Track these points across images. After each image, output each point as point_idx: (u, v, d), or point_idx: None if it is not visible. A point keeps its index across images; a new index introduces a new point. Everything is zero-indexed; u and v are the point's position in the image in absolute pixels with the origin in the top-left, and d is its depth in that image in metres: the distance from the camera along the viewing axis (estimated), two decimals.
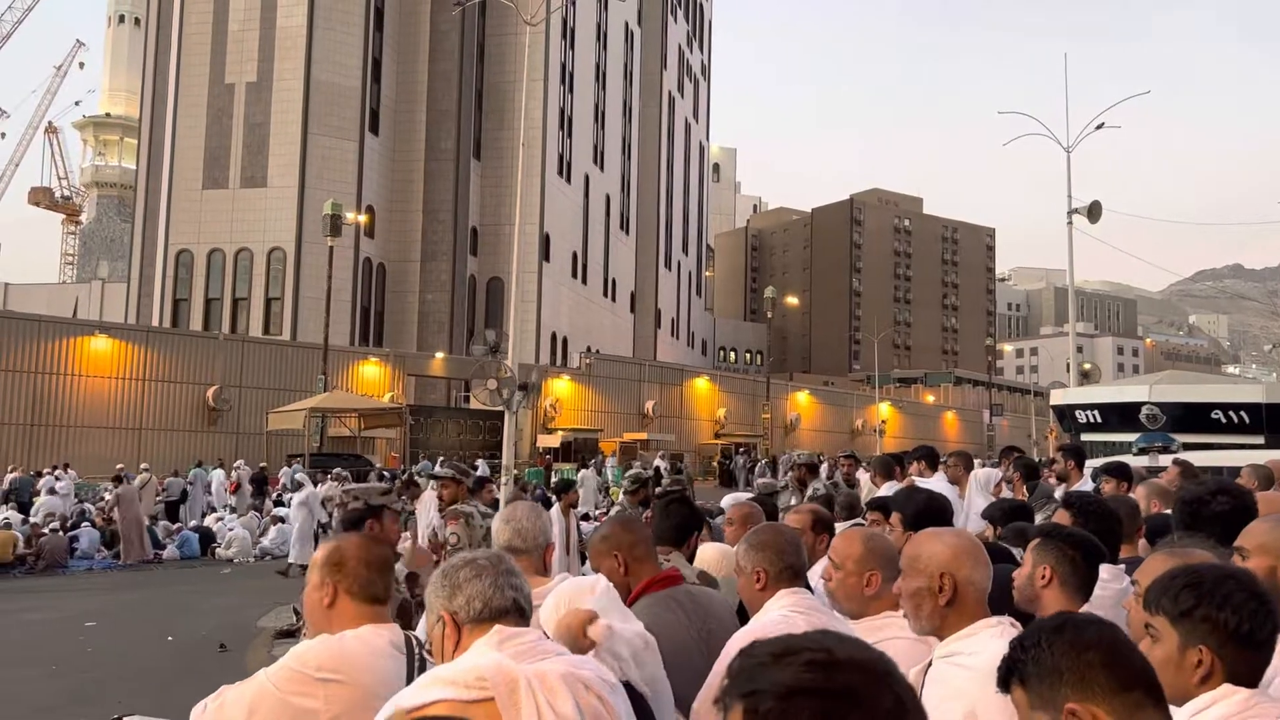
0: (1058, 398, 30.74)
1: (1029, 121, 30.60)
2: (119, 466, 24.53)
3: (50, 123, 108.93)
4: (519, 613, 2.21)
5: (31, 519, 21.54)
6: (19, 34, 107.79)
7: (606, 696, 2.09)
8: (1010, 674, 1.80)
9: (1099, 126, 29.83)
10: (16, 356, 33.74)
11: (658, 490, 10.33)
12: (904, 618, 2.79)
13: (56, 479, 25.86)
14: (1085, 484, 7.75)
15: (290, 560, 18.47)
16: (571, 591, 2.71)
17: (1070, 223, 29.33)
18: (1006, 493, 8.70)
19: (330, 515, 18.28)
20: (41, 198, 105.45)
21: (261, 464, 30.45)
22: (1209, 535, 3.57)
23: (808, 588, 3.22)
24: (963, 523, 7.28)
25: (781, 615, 2.97)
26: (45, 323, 36.53)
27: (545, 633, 2.40)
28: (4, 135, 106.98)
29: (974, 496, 8.58)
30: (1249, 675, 2.00)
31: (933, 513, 4.30)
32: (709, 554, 4.78)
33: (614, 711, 2.08)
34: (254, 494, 26.87)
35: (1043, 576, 3.06)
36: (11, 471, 27.49)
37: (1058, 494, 6.89)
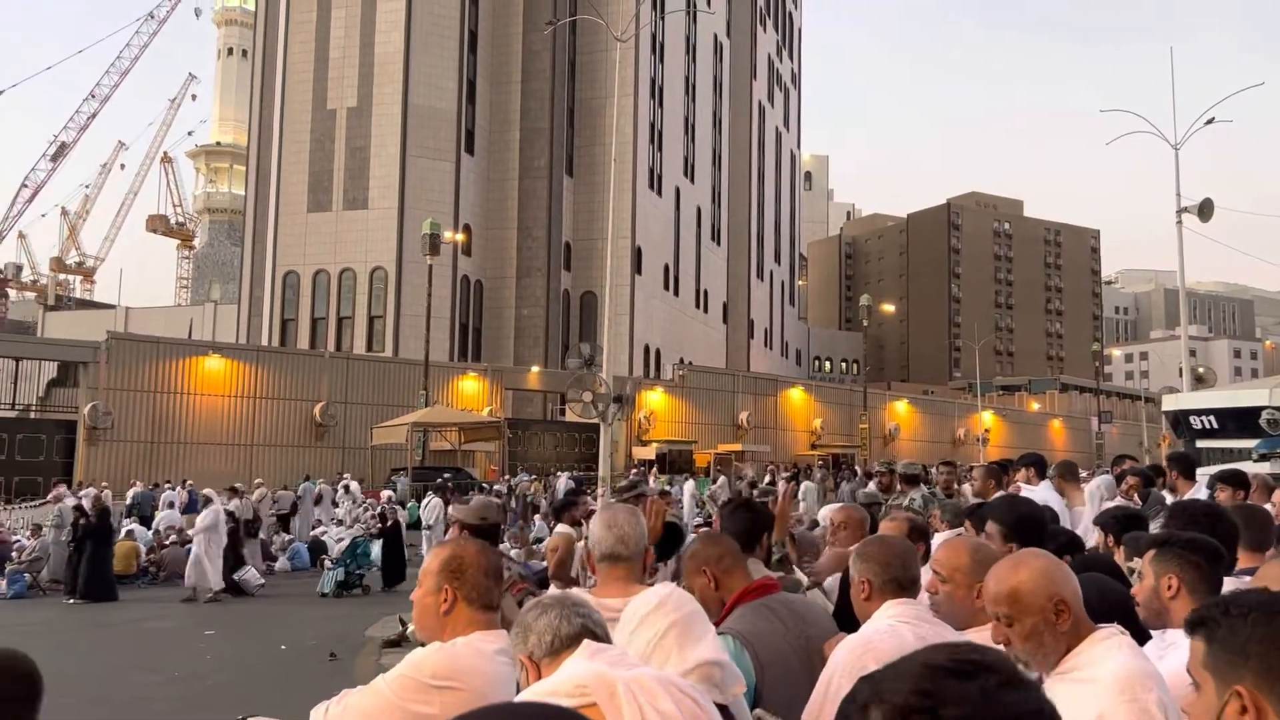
0: (1170, 403, 29.52)
1: (1133, 119, 29.57)
2: (257, 480, 25.44)
3: (165, 153, 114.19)
4: (592, 637, 2.27)
5: (153, 531, 22.54)
6: (136, 70, 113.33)
7: (700, 701, 2.12)
8: (1200, 626, 1.73)
9: (1209, 122, 28.65)
10: (137, 376, 35.38)
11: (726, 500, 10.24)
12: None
13: (174, 492, 26.99)
14: (1199, 492, 7.46)
15: (189, 584, 16.80)
16: (642, 610, 2.65)
17: (1180, 222, 28.21)
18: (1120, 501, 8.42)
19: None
20: (158, 224, 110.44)
21: (352, 477, 31.22)
22: None
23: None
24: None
25: (888, 625, 2.95)
26: (163, 344, 38.22)
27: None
28: (124, 166, 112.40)
29: (1092, 505, 8.31)
30: None
31: (1033, 524, 4.17)
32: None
33: (709, 714, 2.10)
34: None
35: (1169, 587, 2.93)
36: (134, 486, 28.83)
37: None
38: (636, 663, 2.22)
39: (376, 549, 19.22)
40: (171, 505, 26.46)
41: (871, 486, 13.54)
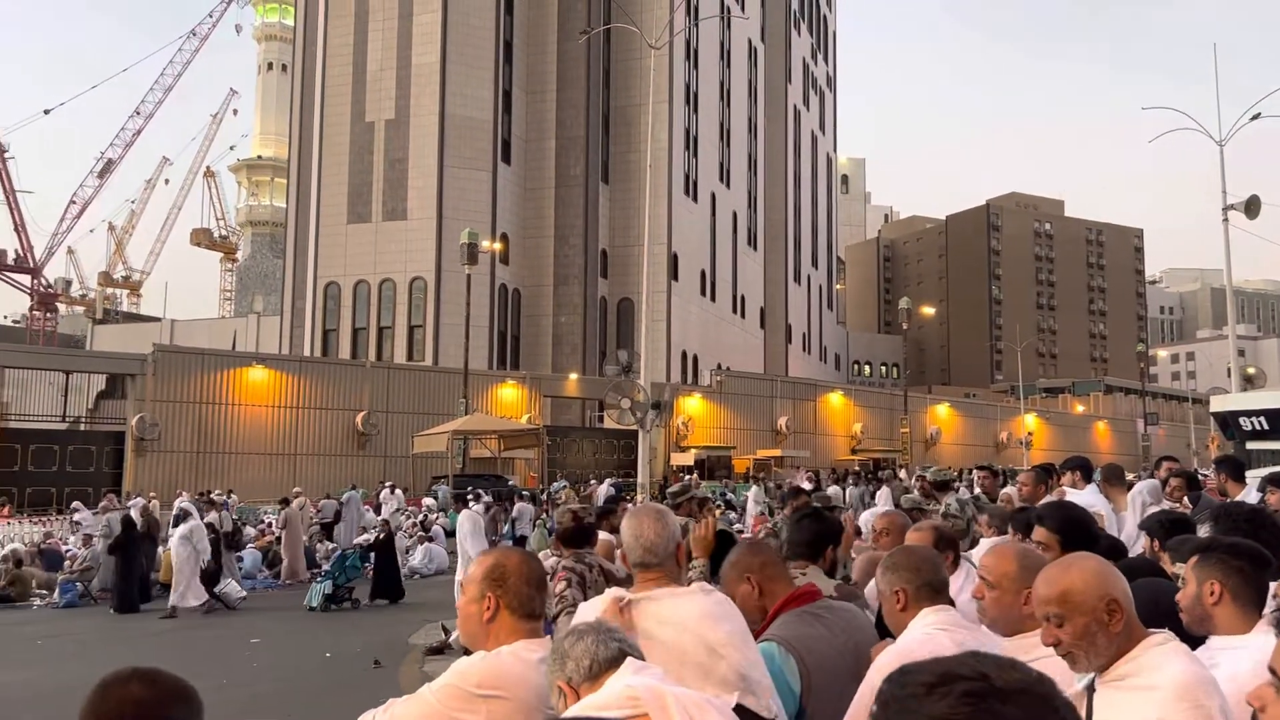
0: (1218, 404, 28.97)
1: (1176, 117, 29.12)
2: (295, 490, 25.80)
3: (208, 167, 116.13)
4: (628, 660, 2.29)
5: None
6: (179, 87, 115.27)
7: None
8: None
9: (1254, 118, 28.16)
10: (183, 388, 35.98)
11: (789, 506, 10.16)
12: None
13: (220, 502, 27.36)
14: (1250, 496, 7.31)
15: (170, 603, 16.23)
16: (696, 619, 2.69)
17: (1226, 219, 27.74)
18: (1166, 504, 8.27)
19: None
20: (202, 238, 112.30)
21: (393, 484, 31.46)
22: None
23: (950, 603, 3.17)
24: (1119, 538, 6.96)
25: (925, 634, 2.93)
26: (208, 355, 38.85)
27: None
28: (168, 181, 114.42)
29: (1134, 510, 8.17)
30: None
31: (1084, 528, 4.13)
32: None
33: None
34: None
35: (1211, 593, 2.88)
36: (180, 497, 29.26)
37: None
38: (677, 685, 2.24)
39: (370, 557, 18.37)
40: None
41: (915, 493, 13.39)
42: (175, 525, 17.99)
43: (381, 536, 18.25)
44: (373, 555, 18.17)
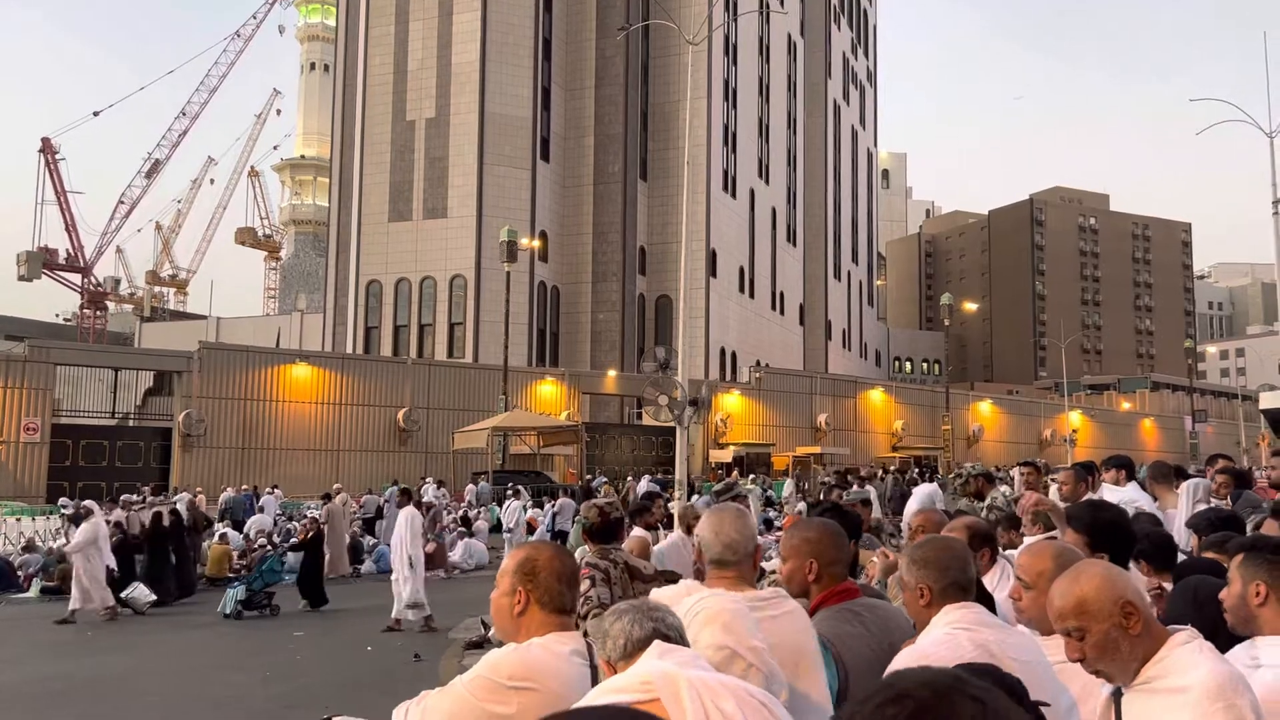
0: (1269, 401, 28.40)
1: (1225, 109, 28.55)
2: (336, 485, 26.13)
3: (252, 167, 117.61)
4: (663, 640, 2.30)
5: (244, 535, 23.25)
6: (224, 88, 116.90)
7: (771, 707, 2.13)
8: None
9: None
10: (228, 384, 36.54)
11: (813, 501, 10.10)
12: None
13: (264, 496, 27.82)
14: None
15: (71, 606, 15.29)
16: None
17: (1276, 213, 27.16)
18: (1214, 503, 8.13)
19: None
20: (246, 237, 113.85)
21: (433, 480, 31.67)
22: None
23: (979, 601, 3.13)
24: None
25: (945, 634, 2.90)
26: (253, 353, 39.40)
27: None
28: (213, 181, 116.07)
29: (1185, 508, 8.04)
30: None
31: (1116, 529, 4.04)
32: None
33: (779, 716, 2.11)
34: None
35: (1257, 594, 2.84)
36: (225, 491, 29.78)
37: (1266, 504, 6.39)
38: (707, 666, 2.24)
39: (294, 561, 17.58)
40: (263, 510, 27.31)
41: (945, 495, 13.23)
42: (75, 524, 17.04)
43: (310, 535, 17.29)
44: (303, 553, 17.13)
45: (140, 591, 16.58)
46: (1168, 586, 4.08)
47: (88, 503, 17.20)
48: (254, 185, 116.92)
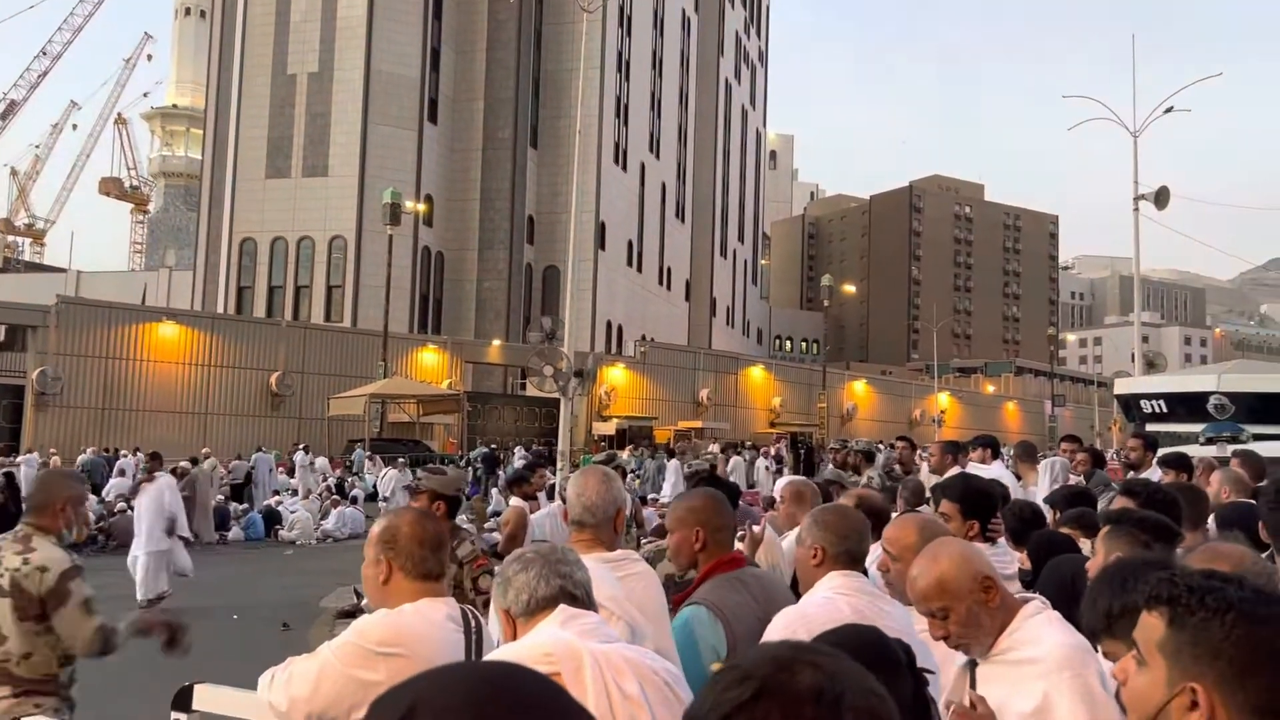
0: (1122, 387, 30.01)
1: (1094, 106, 29.89)
2: (204, 450, 25.19)
3: (119, 114, 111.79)
4: (570, 600, 2.25)
5: (103, 499, 22.20)
6: (89, 28, 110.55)
7: (671, 682, 2.12)
8: (1165, 604, 1.52)
9: (1167, 110, 29.04)
10: (88, 342, 34.73)
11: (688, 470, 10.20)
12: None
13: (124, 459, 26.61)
14: (1154, 474, 7.59)
15: None
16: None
17: (1137, 209, 28.63)
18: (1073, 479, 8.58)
19: None
20: (111, 188, 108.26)
21: (307, 448, 30.96)
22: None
23: (865, 573, 3.20)
24: None
25: (825, 597, 2.97)
26: (116, 309, 37.53)
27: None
28: (76, 127, 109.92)
29: (1045, 484, 8.46)
30: None
31: (986, 499, 4.25)
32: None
33: (680, 697, 2.10)
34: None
35: None
36: (84, 453, 28.35)
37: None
38: (611, 634, 2.21)
39: None
40: (123, 473, 26.08)
41: (831, 466, 13.59)
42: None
43: None
44: None
45: None
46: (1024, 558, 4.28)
47: None
48: (121, 133, 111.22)
